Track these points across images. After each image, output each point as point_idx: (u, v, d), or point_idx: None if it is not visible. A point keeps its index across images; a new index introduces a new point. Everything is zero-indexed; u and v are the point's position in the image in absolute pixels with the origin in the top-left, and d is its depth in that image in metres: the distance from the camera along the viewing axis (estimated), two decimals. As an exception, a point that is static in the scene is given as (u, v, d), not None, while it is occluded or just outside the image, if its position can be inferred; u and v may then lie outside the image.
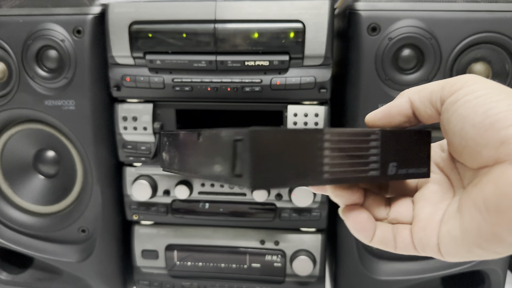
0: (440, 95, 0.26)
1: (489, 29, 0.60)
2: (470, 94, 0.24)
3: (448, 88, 0.26)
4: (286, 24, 0.63)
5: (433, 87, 0.27)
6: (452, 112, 0.25)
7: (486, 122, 0.23)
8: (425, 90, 0.27)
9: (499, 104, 0.23)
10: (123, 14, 0.65)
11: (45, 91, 0.67)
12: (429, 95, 0.27)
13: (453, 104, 0.25)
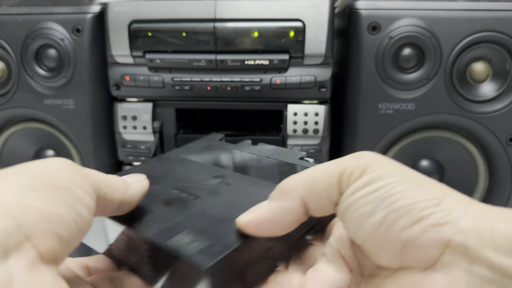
0: (338, 189, 0.21)
1: (490, 28, 0.59)
2: (369, 186, 0.20)
3: (346, 178, 0.21)
4: (286, 23, 0.62)
5: (329, 180, 0.21)
6: (347, 206, 0.20)
7: (387, 220, 0.19)
8: (319, 185, 0.21)
9: (402, 195, 0.19)
10: (122, 13, 0.65)
11: (44, 90, 0.67)
12: (326, 191, 0.21)
13: (349, 196, 0.20)
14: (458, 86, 0.62)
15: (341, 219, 0.21)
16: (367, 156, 0.21)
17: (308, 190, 0.22)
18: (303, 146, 0.67)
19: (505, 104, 0.62)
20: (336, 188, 0.21)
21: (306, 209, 0.22)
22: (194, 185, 0.27)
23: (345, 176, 0.21)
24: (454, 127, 0.64)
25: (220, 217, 0.23)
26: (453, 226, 0.18)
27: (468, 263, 0.17)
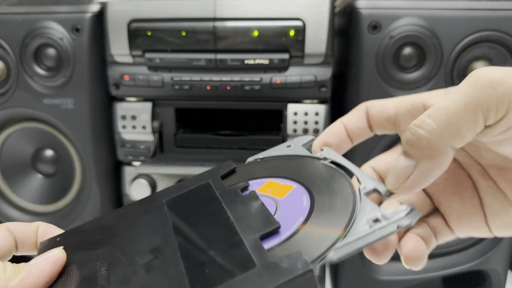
0: (483, 123, 0.21)
1: (490, 27, 0.59)
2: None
3: (493, 113, 0.20)
4: (286, 22, 0.62)
5: (475, 119, 0.21)
6: (507, 137, 0.21)
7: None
8: (465, 127, 0.21)
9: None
10: (122, 12, 0.64)
11: (43, 90, 0.67)
12: (472, 130, 0.21)
13: (508, 130, 0.20)
14: (459, 85, 0.62)
15: (490, 145, 0.22)
16: (500, 82, 0.20)
17: (456, 137, 0.21)
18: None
19: (506, 104, 0.62)
20: (482, 124, 0.20)
21: (454, 151, 0.21)
22: (123, 259, 0.25)
23: (492, 112, 0.20)
24: (455, 127, 0.64)
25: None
26: None
27: None
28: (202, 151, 0.71)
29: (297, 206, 0.25)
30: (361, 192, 0.24)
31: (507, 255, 0.69)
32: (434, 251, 0.68)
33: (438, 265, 0.69)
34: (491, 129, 0.20)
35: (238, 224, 0.24)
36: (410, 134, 0.22)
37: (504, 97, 0.20)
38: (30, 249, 0.29)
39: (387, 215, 0.21)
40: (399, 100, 0.26)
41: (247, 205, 0.26)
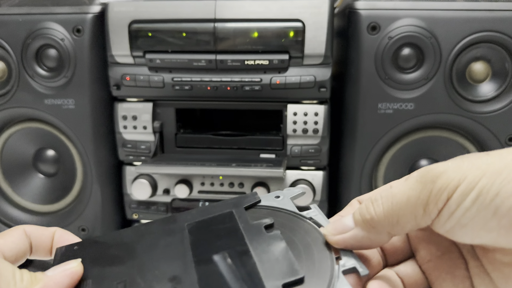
0: (426, 217, 0.22)
1: (489, 28, 0.59)
2: (465, 202, 0.21)
3: (432, 206, 0.22)
4: (286, 23, 0.63)
5: (415, 213, 0.22)
6: (452, 225, 0.22)
7: (503, 223, 0.20)
8: (404, 219, 0.23)
9: (501, 198, 0.20)
10: (123, 13, 0.65)
11: (44, 90, 0.67)
12: (412, 222, 0.23)
13: (449, 218, 0.21)
14: (458, 86, 0.62)
15: (445, 234, 0.23)
16: (439, 176, 0.22)
17: (394, 225, 0.23)
18: (302, 145, 0.67)
19: (505, 104, 0.62)
20: (424, 217, 0.22)
21: (390, 236, 0.24)
22: (141, 283, 0.24)
23: (431, 205, 0.22)
24: (454, 127, 0.65)
25: None
26: None
27: None
28: (202, 151, 0.72)
29: None
30: (340, 268, 0.23)
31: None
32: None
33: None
34: (437, 219, 0.22)
35: (260, 265, 0.24)
36: (363, 205, 0.24)
37: (441, 189, 0.21)
38: (44, 254, 0.29)
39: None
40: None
41: (271, 246, 0.25)
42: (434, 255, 0.26)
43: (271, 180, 0.69)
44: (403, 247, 0.28)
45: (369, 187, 0.68)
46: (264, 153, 0.70)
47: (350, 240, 0.24)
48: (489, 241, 0.21)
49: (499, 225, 0.20)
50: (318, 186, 0.68)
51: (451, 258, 0.26)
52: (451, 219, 0.21)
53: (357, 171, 0.67)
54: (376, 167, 0.68)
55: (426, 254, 0.27)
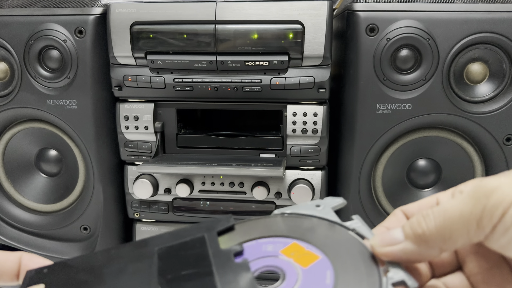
0: (480, 232, 0.22)
1: (487, 29, 0.60)
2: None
3: (487, 220, 0.22)
4: (286, 25, 0.63)
5: (468, 228, 0.22)
6: (508, 241, 0.22)
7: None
8: (456, 233, 0.23)
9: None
10: (124, 15, 0.65)
11: (47, 91, 0.68)
12: (465, 237, 0.23)
13: (504, 233, 0.22)
14: (455, 86, 0.63)
15: (499, 250, 0.23)
16: (493, 191, 0.22)
17: (446, 240, 0.23)
18: (302, 145, 0.68)
19: (502, 104, 0.63)
20: (477, 232, 0.22)
21: (441, 251, 0.24)
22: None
23: (485, 220, 0.22)
24: (451, 127, 0.65)
25: None
26: None
27: None
28: (203, 151, 0.72)
29: (319, 282, 0.24)
30: (388, 281, 0.23)
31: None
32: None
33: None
34: (491, 234, 0.22)
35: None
36: (414, 219, 0.24)
37: (495, 204, 0.21)
38: (10, 279, 0.29)
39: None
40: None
41: (237, 275, 0.25)
42: (483, 268, 0.26)
43: (271, 180, 0.69)
44: (451, 259, 0.28)
45: (368, 187, 0.69)
46: (264, 153, 0.71)
47: (399, 253, 0.24)
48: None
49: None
50: (317, 186, 0.69)
51: (501, 273, 0.26)
52: (506, 235, 0.21)
53: (356, 171, 0.67)
54: (374, 167, 0.68)
55: (475, 267, 0.26)
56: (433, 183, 0.69)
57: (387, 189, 0.69)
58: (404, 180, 0.69)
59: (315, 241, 0.27)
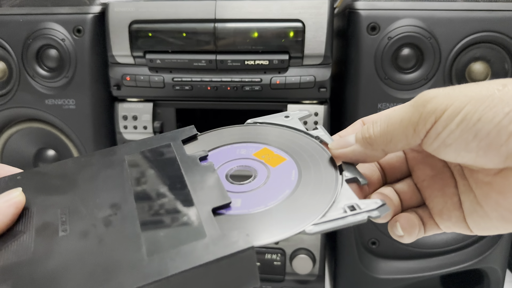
0: (416, 136, 0.25)
1: (489, 28, 0.60)
2: (450, 124, 0.23)
3: (421, 126, 0.24)
4: (286, 24, 0.63)
5: (406, 133, 0.25)
6: (438, 145, 0.24)
7: (481, 145, 0.23)
8: (397, 138, 0.26)
9: (483, 122, 0.22)
10: (123, 14, 0.65)
11: (45, 90, 0.68)
12: (404, 141, 0.26)
13: (436, 137, 0.24)
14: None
15: (432, 152, 0.25)
16: (429, 100, 0.24)
17: (388, 143, 0.26)
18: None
19: (504, 104, 0.62)
20: (414, 137, 0.25)
21: (385, 153, 0.27)
22: (83, 210, 0.26)
23: (420, 126, 0.24)
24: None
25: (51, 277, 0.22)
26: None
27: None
28: (202, 151, 0.72)
29: (285, 179, 0.28)
30: (343, 178, 0.27)
31: (506, 254, 0.70)
32: (432, 250, 0.69)
33: (436, 264, 0.69)
34: (426, 139, 0.25)
35: (194, 193, 0.26)
36: (365, 126, 0.28)
37: (430, 112, 0.24)
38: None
39: (361, 206, 0.24)
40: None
41: (204, 176, 0.28)
42: (428, 175, 0.30)
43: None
44: (401, 167, 0.31)
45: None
46: (264, 153, 0.70)
47: (350, 154, 0.28)
48: (470, 161, 0.24)
49: (478, 146, 0.22)
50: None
51: (443, 178, 0.29)
52: (438, 139, 0.24)
53: (357, 171, 0.67)
54: (375, 167, 0.68)
55: (421, 174, 0.30)
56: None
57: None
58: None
59: (283, 146, 0.31)
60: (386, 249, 0.69)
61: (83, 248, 0.23)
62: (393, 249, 0.69)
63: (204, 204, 0.25)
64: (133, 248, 0.23)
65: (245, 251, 0.22)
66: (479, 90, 0.23)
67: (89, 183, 0.28)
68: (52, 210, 0.26)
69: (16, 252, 0.23)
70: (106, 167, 0.29)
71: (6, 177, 0.29)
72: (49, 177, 0.29)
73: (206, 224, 0.24)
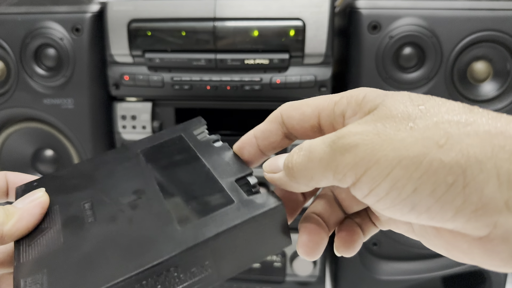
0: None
1: (490, 27, 0.59)
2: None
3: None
4: (286, 22, 0.62)
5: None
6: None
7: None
8: (316, 179, 0.22)
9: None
10: (122, 12, 0.65)
11: (43, 90, 0.67)
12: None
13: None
14: (459, 85, 0.62)
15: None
16: (349, 149, 0.20)
17: (310, 181, 0.22)
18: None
19: (506, 104, 0.62)
20: (335, 182, 0.21)
21: (310, 187, 0.24)
22: (106, 200, 0.26)
23: (339, 176, 0.21)
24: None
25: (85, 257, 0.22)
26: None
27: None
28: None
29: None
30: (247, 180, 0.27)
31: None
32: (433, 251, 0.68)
33: (438, 265, 0.69)
34: (353, 191, 0.21)
35: (214, 170, 0.27)
36: (292, 152, 0.23)
37: (347, 166, 0.19)
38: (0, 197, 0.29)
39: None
40: (320, 105, 0.25)
41: (221, 155, 0.28)
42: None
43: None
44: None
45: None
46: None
47: (278, 181, 0.25)
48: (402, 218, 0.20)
49: (418, 218, 0.19)
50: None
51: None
52: (366, 199, 0.20)
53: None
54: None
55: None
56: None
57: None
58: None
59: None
60: (387, 250, 0.69)
61: (114, 230, 0.24)
62: (395, 250, 0.69)
63: (227, 177, 0.26)
64: (165, 222, 0.23)
65: (276, 208, 0.23)
66: (411, 145, 0.18)
67: (107, 178, 0.29)
68: (75, 204, 0.26)
69: (47, 245, 0.24)
70: (122, 161, 0.30)
71: (23, 185, 0.29)
72: (66, 179, 0.29)
73: (232, 192, 0.24)
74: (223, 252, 0.22)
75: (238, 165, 0.27)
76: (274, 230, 0.23)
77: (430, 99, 0.20)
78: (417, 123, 0.18)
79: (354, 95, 0.23)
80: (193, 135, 0.31)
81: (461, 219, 0.17)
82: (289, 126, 0.26)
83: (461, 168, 0.17)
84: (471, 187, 0.17)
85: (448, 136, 0.17)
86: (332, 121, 0.24)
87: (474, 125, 0.18)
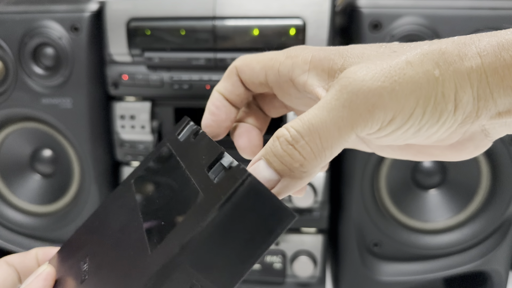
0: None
1: (492, 26, 0.59)
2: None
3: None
4: (287, 21, 0.62)
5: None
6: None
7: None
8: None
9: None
10: (120, 11, 0.64)
11: (42, 89, 0.67)
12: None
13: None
14: (461, 85, 0.62)
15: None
16: (374, 101, 0.20)
17: (329, 158, 0.20)
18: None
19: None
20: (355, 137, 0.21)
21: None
22: (98, 249, 0.27)
23: (359, 128, 0.20)
24: (457, 127, 0.64)
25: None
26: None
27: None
28: (201, 151, 0.71)
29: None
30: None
31: (509, 256, 0.69)
32: (435, 251, 0.68)
33: (439, 266, 0.69)
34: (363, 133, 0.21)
35: (189, 169, 0.24)
36: (281, 149, 0.19)
37: (377, 119, 0.20)
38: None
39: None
40: (266, 64, 0.25)
41: (197, 146, 0.25)
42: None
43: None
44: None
45: (371, 188, 0.67)
46: (264, 153, 0.69)
47: (282, 193, 0.20)
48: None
49: (416, 141, 0.23)
50: (319, 187, 0.67)
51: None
52: (381, 140, 0.22)
53: (359, 172, 0.66)
54: (378, 167, 0.67)
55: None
56: (438, 183, 0.68)
57: (391, 190, 0.68)
58: (408, 181, 0.68)
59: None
60: (388, 251, 0.68)
61: (100, 280, 0.24)
62: (396, 251, 0.68)
63: (200, 170, 0.22)
64: (138, 252, 0.22)
65: (245, 181, 0.18)
66: (423, 79, 0.20)
67: (103, 225, 0.29)
68: (76, 266, 0.27)
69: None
70: (117, 200, 0.30)
71: (48, 262, 0.31)
72: (75, 241, 0.30)
73: (200, 184, 0.21)
74: (206, 263, 0.18)
75: (209, 151, 0.23)
76: (257, 209, 0.18)
77: (383, 44, 0.24)
78: (413, 63, 0.21)
79: (300, 55, 0.23)
80: (177, 139, 0.29)
81: (447, 132, 0.22)
82: (242, 80, 0.26)
83: (453, 91, 0.21)
84: (459, 107, 0.21)
85: (438, 67, 0.21)
86: (278, 79, 0.25)
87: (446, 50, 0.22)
